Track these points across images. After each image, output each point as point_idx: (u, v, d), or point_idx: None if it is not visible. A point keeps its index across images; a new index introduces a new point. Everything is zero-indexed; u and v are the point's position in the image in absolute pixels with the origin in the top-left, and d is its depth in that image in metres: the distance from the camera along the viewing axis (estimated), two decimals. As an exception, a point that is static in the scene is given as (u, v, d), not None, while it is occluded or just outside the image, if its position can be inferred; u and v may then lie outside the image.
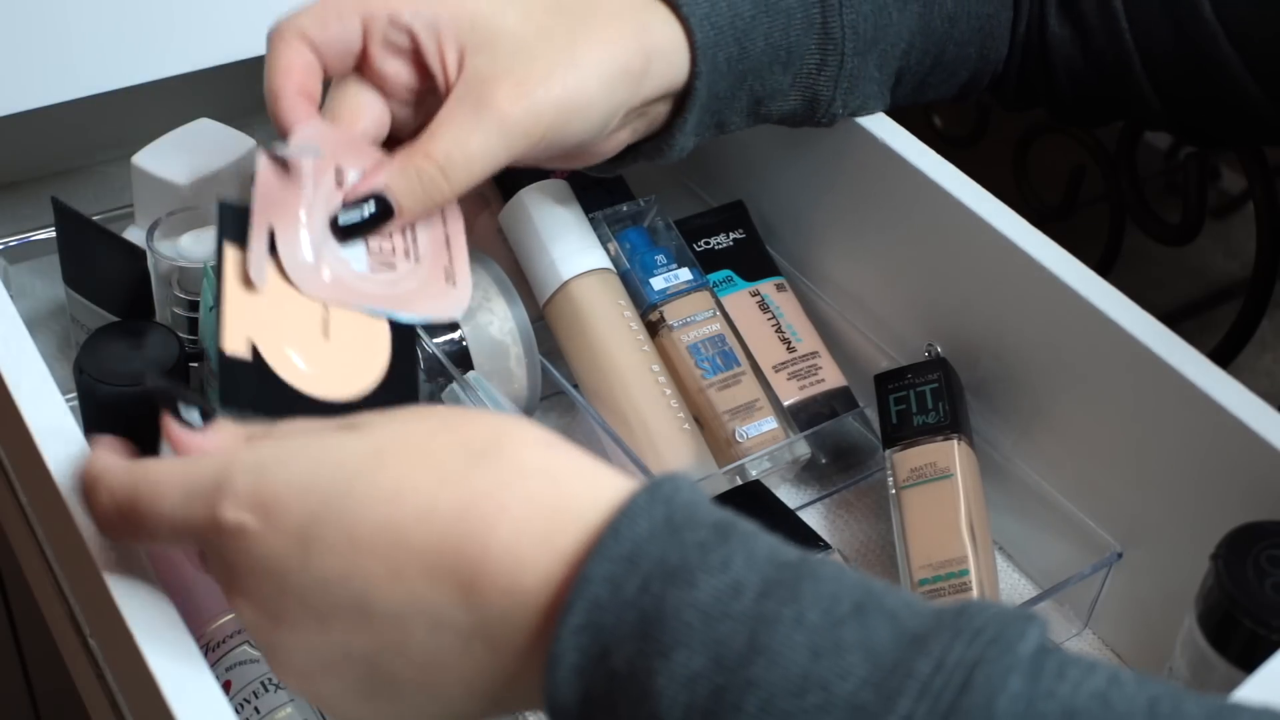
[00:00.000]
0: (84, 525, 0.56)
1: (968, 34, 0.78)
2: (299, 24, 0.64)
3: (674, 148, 0.71)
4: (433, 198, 0.63)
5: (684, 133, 0.70)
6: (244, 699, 0.61)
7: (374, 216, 0.63)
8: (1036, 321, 0.72)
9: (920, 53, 0.77)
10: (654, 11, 0.68)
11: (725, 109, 0.72)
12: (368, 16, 0.64)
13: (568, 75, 0.64)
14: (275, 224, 0.61)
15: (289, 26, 0.64)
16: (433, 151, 0.63)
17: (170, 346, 0.68)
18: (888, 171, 0.76)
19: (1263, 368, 1.17)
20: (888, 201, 0.78)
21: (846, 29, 0.72)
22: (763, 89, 0.72)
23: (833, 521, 0.79)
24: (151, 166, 0.78)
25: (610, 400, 0.76)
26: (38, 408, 0.60)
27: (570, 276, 0.77)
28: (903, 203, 0.77)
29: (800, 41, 0.72)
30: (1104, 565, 0.72)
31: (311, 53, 0.64)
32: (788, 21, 0.71)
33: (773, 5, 0.71)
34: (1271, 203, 1.03)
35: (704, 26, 0.68)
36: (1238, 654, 0.57)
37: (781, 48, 0.71)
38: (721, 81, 0.70)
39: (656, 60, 0.67)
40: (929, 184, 0.74)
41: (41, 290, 0.86)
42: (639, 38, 0.67)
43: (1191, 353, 0.66)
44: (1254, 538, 0.58)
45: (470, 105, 0.63)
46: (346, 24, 0.64)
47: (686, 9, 0.68)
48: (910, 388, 0.75)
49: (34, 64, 0.77)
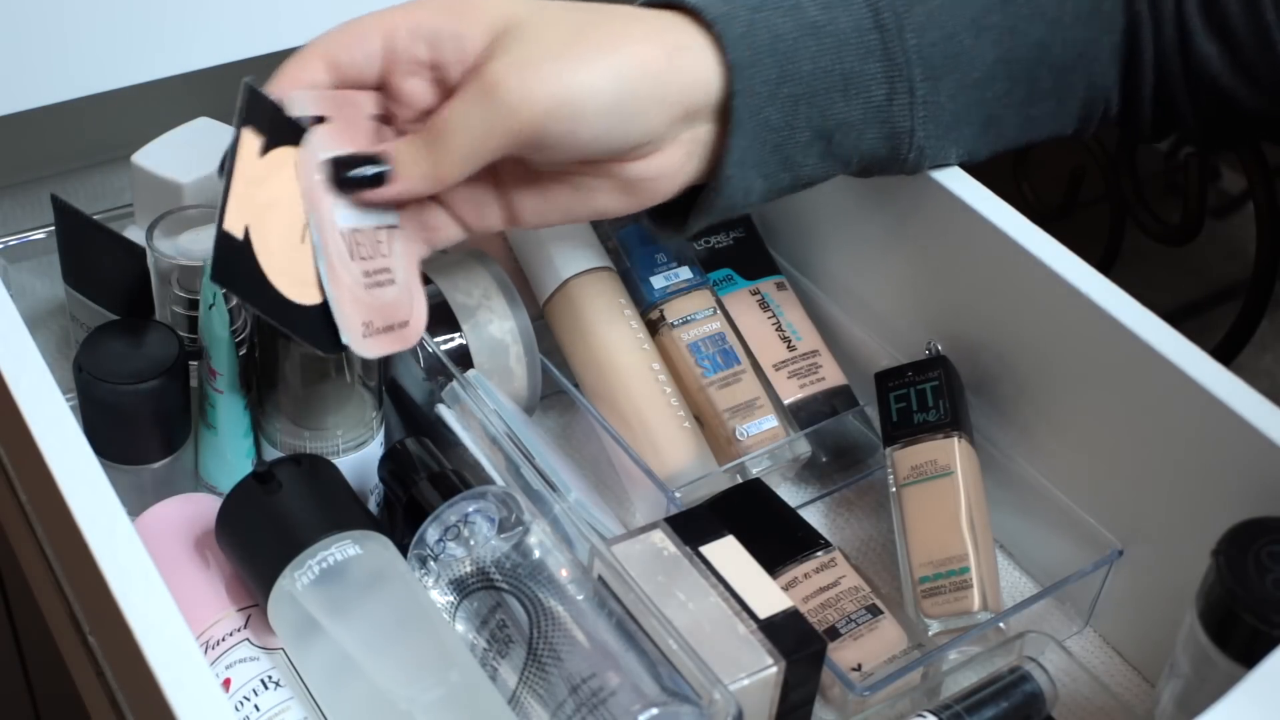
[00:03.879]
0: (84, 525, 0.56)
1: (1067, 60, 0.74)
2: (323, 45, 0.64)
3: (728, 180, 0.67)
4: (436, 169, 0.63)
5: (733, 162, 0.67)
6: (243, 697, 0.61)
7: (376, 176, 0.63)
8: (1037, 319, 0.72)
9: (1007, 82, 0.73)
10: (683, 32, 0.67)
11: (787, 143, 0.68)
12: (389, 31, 0.64)
13: (569, 57, 0.63)
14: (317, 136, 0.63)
15: (313, 48, 0.64)
16: (434, 122, 0.63)
17: (170, 345, 0.68)
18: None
19: (1263, 368, 1.16)
20: (888, 199, 0.78)
21: (911, 53, 0.69)
22: (826, 119, 0.69)
23: (833, 520, 0.79)
24: (151, 166, 0.78)
25: (610, 399, 0.76)
26: (38, 407, 0.60)
27: (570, 275, 0.77)
28: (903, 201, 0.77)
29: (859, 69, 0.69)
30: (1105, 563, 0.72)
31: (327, 74, 0.64)
32: (839, 44, 0.68)
33: (820, 28, 0.68)
34: (1271, 203, 1.03)
35: (738, 46, 0.66)
36: (1239, 650, 0.57)
37: (835, 73, 0.68)
38: (767, 107, 0.67)
39: (681, 56, 0.66)
40: (929, 182, 0.74)
41: (41, 289, 0.87)
42: (662, 36, 0.65)
43: (1192, 349, 0.66)
44: (1255, 534, 0.58)
45: (473, 83, 0.63)
46: (368, 45, 0.64)
47: (721, 27, 0.66)
48: (911, 385, 0.75)
49: (34, 64, 0.77)
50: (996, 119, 0.74)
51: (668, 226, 0.72)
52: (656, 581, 0.64)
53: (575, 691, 0.58)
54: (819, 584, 0.71)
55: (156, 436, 0.69)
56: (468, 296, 0.76)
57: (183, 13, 0.80)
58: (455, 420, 0.70)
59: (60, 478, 0.58)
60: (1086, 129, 0.78)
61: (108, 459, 0.67)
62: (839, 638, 0.69)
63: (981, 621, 0.70)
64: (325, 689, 0.61)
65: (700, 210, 0.70)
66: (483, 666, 0.60)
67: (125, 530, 0.56)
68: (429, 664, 0.59)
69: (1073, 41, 0.74)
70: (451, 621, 0.62)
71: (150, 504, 0.67)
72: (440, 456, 0.67)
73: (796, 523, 0.73)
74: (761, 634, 0.63)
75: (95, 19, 0.78)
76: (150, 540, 0.59)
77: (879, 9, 0.69)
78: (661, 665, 0.59)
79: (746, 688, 0.61)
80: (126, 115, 0.86)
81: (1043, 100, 0.74)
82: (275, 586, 0.60)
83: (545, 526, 0.63)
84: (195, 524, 0.66)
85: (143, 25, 0.79)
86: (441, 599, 0.62)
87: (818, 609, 0.70)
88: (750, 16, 0.67)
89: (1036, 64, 0.73)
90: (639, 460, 0.74)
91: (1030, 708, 0.67)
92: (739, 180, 0.68)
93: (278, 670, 0.62)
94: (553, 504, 0.65)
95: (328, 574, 0.60)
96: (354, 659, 0.59)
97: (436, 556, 0.62)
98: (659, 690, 0.57)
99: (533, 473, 0.67)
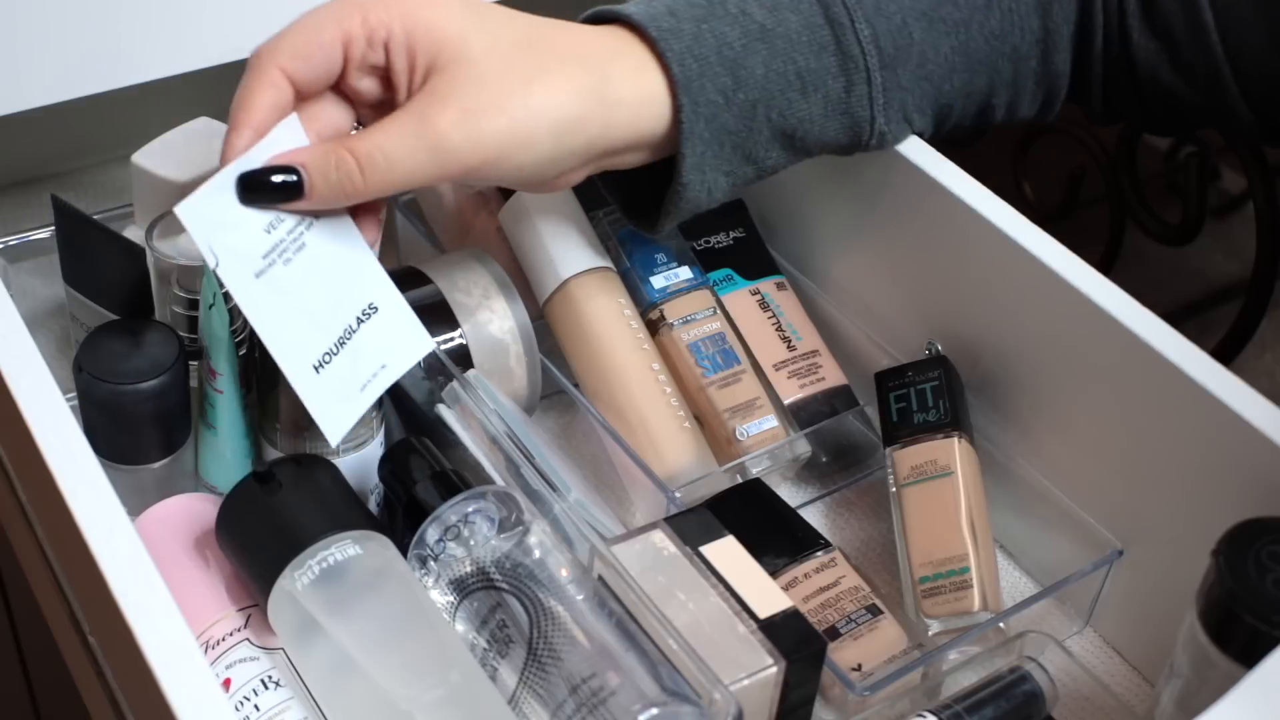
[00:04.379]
0: (84, 524, 0.56)
1: (1025, 49, 0.76)
2: (279, 57, 0.64)
3: (687, 185, 0.70)
4: (344, 189, 0.63)
5: (689, 168, 0.69)
6: (243, 697, 0.61)
7: (285, 185, 0.63)
8: (1037, 319, 0.72)
9: (966, 73, 0.75)
10: (624, 55, 0.68)
11: (748, 143, 0.71)
12: (348, 40, 0.64)
13: (515, 114, 0.64)
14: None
15: (269, 57, 0.64)
16: (356, 147, 0.63)
17: (170, 345, 0.68)
18: (888, 169, 0.76)
19: (1263, 368, 1.16)
20: (888, 199, 0.78)
21: (865, 45, 0.71)
22: (785, 119, 0.71)
23: (833, 520, 0.79)
24: (151, 166, 0.78)
25: (610, 399, 0.76)
26: (38, 406, 0.60)
27: (570, 275, 0.77)
28: (903, 200, 0.77)
29: (814, 66, 0.70)
30: (1105, 563, 0.72)
31: (287, 87, 0.64)
32: (790, 47, 0.70)
33: (769, 31, 0.70)
34: (1271, 203, 1.03)
35: (685, 60, 0.68)
36: (1239, 650, 0.57)
37: (790, 73, 0.70)
38: (723, 114, 0.69)
39: (620, 110, 0.67)
40: (929, 181, 0.74)
41: (41, 289, 0.86)
42: (599, 90, 0.67)
43: (1192, 349, 0.66)
44: (1255, 534, 0.58)
45: (413, 117, 0.64)
46: (329, 53, 0.64)
47: (663, 44, 0.68)
48: (911, 386, 0.75)
49: (34, 64, 0.77)
50: (957, 108, 0.76)
51: (642, 224, 0.75)
52: (656, 581, 0.64)
53: (575, 691, 0.58)
54: (819, 584, 0.71)
55: (156, 436, 0.69)
56: (468, 296, 0.76)
57: (183, 13, 0.80)
58: (455, 420, 0.70)
59: (60, 478, 0.58)
60: (1047, 114, 0.80)
61: (108, 459, 0.67)
62: (839, 638, 0.69)
63: (981, 621, 0.70)
64: (325, 689, 0.60)
65: (667, 212, 0.72)
66: (483, 666, 0.60)
67: (125, 530, 0.56)
68: (429, 664, 0.59)
69: (1030, 30, 0.76)
70: (451, 621, 0.62)
71: (150, 504, 0.67)
72: (440, 456, 0.67)
73: (796, 523, 0.73)
74: (761, 634, 0.63)
75: (95, 19, 0.78)
76: (150, 540, 0.59)
77: (828, 4, 0.71)
78: (661, 665, 0.59)
79: (746, 688, 0.61)
80: (126, 115, 0.86)
81: (1004, 89, 0.77)
82: (275, 586, 0.60)
83: (545, 526, 0.63)
84: (195, 524, 0.66)
85: (143, 25, 0.79)
86: (441, 599, 0.62)
87: (818, 609, 0.70)
88: (696, 28, 0.69)
89: (995, 54, 0.75)
90: (639, 460, 0.74)
91: (1030, 708, 0.67)
92: (698, 182, 0.70)
93: (278, 670, 0.62)
94: (553, 504, 0.65)
95: (328, 574, 0.60)
96: (354, 659, 0.59)
97: (436, 556, 0.62)
98: (659, 690, 0.57)
99: (533, 473, 0.67)
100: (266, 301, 0.63)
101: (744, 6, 0.70)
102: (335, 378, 0.64)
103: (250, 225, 0.63)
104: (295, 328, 0.63)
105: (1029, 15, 0.75)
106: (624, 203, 0.76)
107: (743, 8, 0.70)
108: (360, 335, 0.65)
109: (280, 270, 0.63)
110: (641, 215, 0.74)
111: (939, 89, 0.74)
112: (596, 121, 0.67)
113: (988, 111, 0.78)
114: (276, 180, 0.63)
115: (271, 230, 0.63)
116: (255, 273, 0.63)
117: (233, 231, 0.62)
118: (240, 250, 0.62)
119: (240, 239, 0.62)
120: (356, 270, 0.66)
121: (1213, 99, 0.77)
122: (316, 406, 0.63)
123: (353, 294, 0.65)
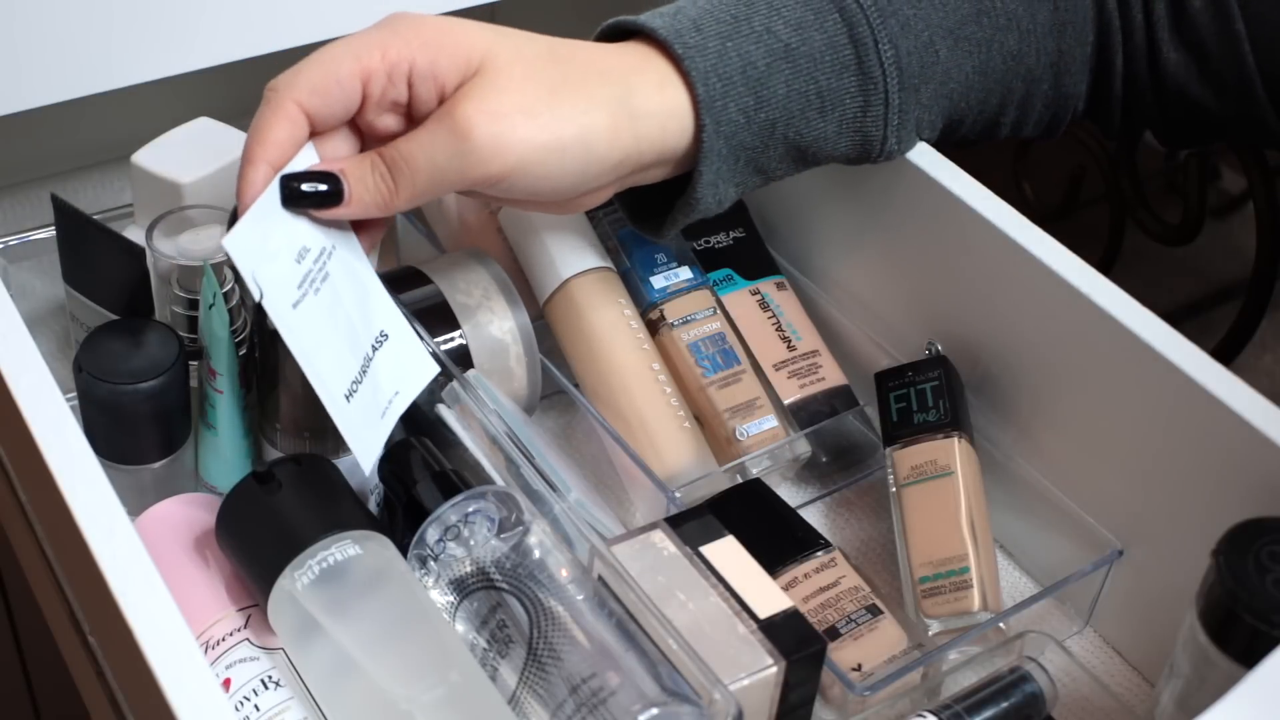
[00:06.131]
0: (84, 524, 0.56)
1: (1039, 70, 0.76)
2: (296, 91, 0.63)
3: (699, 199, 0.70)
4: (382, 194, 0.64)
5: (705, 184, 0.69)
6: (243, 697, 0.61)
7: (324, 194, 0.63)
8: (1037, 319, 0.72)
9: (982, 92, 0.75)
10: (647, 70, 0.68)
11: (761, 158, 0.71)
12: (368, 77, 0.64)
13: (542, 119, 0.64)
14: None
15: (286, 92, 0.63)
16: (389, 151, 0.64)
17: (170, 345, 0.68)
18: (887, 169, 0.76)
19: (1263, 368, 1.17)
20: (888, 199, 0.78)
21: (887, 66, 0.70)
22: (801, 137, 0.71)
23: (833, 520, 0.79)
24: (151, 166, 0.78)
25: (610, 399, 0.76)
26: (38, 407, 0.60)
27: (570, 275, 0.77)
28: (903, 200, 0.77)
29: (835, 85, 0.70)
30: (1105, 563, 0.72)
31: (303, 122, 0.64)
32: (813, 66, 0.70)
33: (793, 51, 0.69)
34: (1271, 203, 1.03)
35: (709, 79, 0.68)
36: (1239, 650, 0.57)
37: (811, 93, 0.70)
38: (742, 132, 0.69)
39: (646, 122, 0.67)
40: (929, 181, 0.74)
41: (41, 289, 0.86)
42: (624, 101, 0.66)
43: (1192, 349, 0.66)
44: (1255, 534, 0.58)
45: (442, 120, 0.64)
46: (346, 89, 0.64)
47: (688, 61, 0.68)
48: (911, 385, 0.75)
49: (34, 64, 0.77)
50: (967, 124, 0.76)
51: (646, 227, 0.75)
52: (656, 581, 0.64)
53: (575, 691, 0.58)
54: (819, 584, 0.71)
55: (156, 436, 0.69)
56: (468, 296, 0.76)
57: (183, 13, 0.80)
58: (455, 420, 0.70)
59: (60, 478, 0.58)
60: (1052, 135, 0.81)
61: (108, 459, 0.67)
62: (839, 638, 0.69)
63: (981, 621, 0.70)
64: (325, 689, 0.60)
65: (674, 221, 0.72)
66: (483, 666, 0.60)
67: (125, 530, 0.56)
68: (429, 664, 0.59)
69: (1046, 51, 0.75)
70: (451, 621, 0.62)
71: (150, 504, 0.67)
72: (440, 456, 0.67)
73: (796, 523, 0.73)
74: (761, 634, 0.63)
75: (95, 19, 0.78)
76: (150, 540, 0.59)
77: (853, 23, 0.70)
78: (661, 665, 0.59)
79: (746, 688, 0.61)
80: (126, 115, 0.86)
81: (1014, 108, 0.77)
82: (275, 586, 0.60)
83: (545, 526, 0.63)
84: (195, 524, 0.66)
85: (143, 25, 0.79)
86: (441, 599, 0.62)
87: (818, 609, 0.70)
88: (721, 45, 0.69)
89: (1010, 74, 0.75)
90: (639, 460, 0.74)
91: (1030, 708, 0.67)
92: (711, 196, 0.70)
93: (278, 670, 0.62)
94: (553, 504, 0.65)
95: (328, 574, 0.60)
96: (354, 659, 0.59)
97: (436, 556, 0.62)
98: (659, 690, 0.57)
99: (533, 473, 0.67)
100: (305, 332, 0.63)
101: (769, 24, 0.69)
102: (362, 406, 0.64)
103: (284, 256, 0.63)
104: (328, 357, 0.63)
105: (1045, 37, 0.75)
106: (630, 208, 0.76)
107: (768, 25, 0.69)
108: (376, 363, 0.65)
109: (312, 300, 0.63)
110: (647, 220, 0.74)
111: (955, 105, 0.74)
112: (627, 133, 0.66)
113: (995, 128, 0.78)
114: (321, 189, 0.63)
115: (300, 260, 0.63)
116: (293, 304, 0.63)
117: (270, 262, 0.62)
118: (279, 281, 0.62)
119: (278, 270, 0.62)
120: (369, 298, 0.66)
121: (1242, 109, 0.77)
122: (351, 435, 0.63)
123: (368, 322, 0.66)
